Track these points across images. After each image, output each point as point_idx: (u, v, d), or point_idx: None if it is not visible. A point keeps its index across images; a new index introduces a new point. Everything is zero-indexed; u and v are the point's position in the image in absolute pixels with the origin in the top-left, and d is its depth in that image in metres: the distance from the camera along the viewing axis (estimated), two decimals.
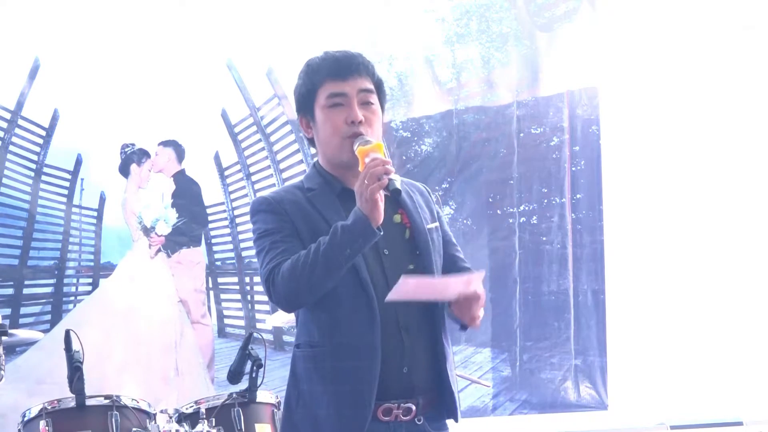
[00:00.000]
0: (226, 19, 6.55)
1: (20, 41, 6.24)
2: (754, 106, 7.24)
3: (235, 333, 6.60)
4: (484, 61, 7.06)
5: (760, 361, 7.08)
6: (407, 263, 3.28)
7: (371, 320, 3.18)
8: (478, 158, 7.00)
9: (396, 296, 3.12)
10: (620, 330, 7.03)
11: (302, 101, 3.35)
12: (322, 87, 3.29)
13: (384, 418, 3.21)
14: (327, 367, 3.23)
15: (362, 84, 3.30)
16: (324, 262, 3.11)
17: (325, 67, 3.30)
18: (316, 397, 3.23)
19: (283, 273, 3.16)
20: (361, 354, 3.19)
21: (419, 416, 3.25)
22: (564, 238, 7.02)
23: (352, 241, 3.10)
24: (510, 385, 6.94)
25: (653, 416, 6.95)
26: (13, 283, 6.28)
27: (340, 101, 3.28)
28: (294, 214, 3.26)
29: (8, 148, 6.27)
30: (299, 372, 3.30)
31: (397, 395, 3.22)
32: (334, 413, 3.20)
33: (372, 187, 3.07)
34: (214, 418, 4.65)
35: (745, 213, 7.21)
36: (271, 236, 3.25)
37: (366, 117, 3.28)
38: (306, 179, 3.37)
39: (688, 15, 7.17)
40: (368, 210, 3.08)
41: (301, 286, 3.15)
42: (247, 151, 6.69)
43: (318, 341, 3.25)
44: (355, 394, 3.19)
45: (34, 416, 4.56)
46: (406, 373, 3.22)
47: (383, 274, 3.24)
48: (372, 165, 3.10)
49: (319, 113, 3.30)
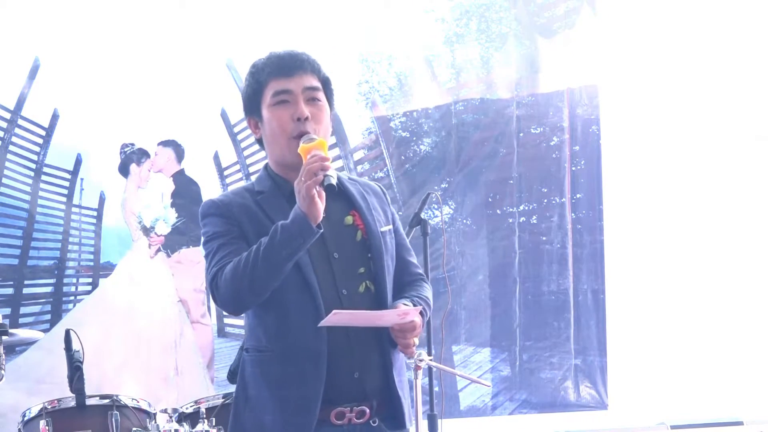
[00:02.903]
0: (226, 20, 6.55)
1: (20, 41, 6.24)
2: (754, 107, 7.24)
3: (235, 333, 6.60)
4: (484, 61, 7.05)
5: (760, 361, 7.08)
6: (358, 266, 3.26)
7: (317, 324, 3.13)
8: (478, 158, 6.99)
9: (329, 324, 3.10)
10: (620, 330, 7.03)
11: (249, 102, 3.32)
12: (267, 86, 3.27)
13: (337, 422, 3.19)
14: (273, 371, 3.21)
15: (308, 81, 3.27)
16: (264, 262, 3.07)
17: (269, 66, 3.28)
18: (263, 402, 3.22)
19: (226, 275, 3.13)
20: (307, 359, 3.16)
21: (374, 418, 3.23)
22: (564, 237, 7.02)
23: (291, 240, 3.06)
24: (510, 384, 6.93)
25: (653, 416, 6.95)
26: (13, 282, 6.28)
27: (286, 98, 3.25)
28: (242, 217, 3.24)
29: (8, 147, 6.27)
30: (247, 376, 3.28)
31: (349, 399, 3.20)
32: (279, 419, 3.18)
33: (308, 183, 3.03)
34: (214, 418, 4.64)
35: (745, 213, 7.21)
36: (219, 239, 3.22)
37: (312, 113, 3.24)
38: (256, 182, 3.35)
39: (689, 14, 7.17)
40: (306, 207, 3.04)
41: (243, 287, 3.11)
42: (246, 151, 6.69)
43: (265, 346, 3.24)
44: (300, 400, 3.17)
45: (35, 416, 4.56)
46: (357, 377, 3.20)
47: (332, 277, 3.21)
48: (310, 162, 3.06)
49: (266, 112, 3.27)
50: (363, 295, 3.24)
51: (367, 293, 3.25)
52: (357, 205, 3.30)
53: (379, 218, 3.32)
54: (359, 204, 3.31)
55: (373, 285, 3.26)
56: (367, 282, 3.25)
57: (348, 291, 3.22)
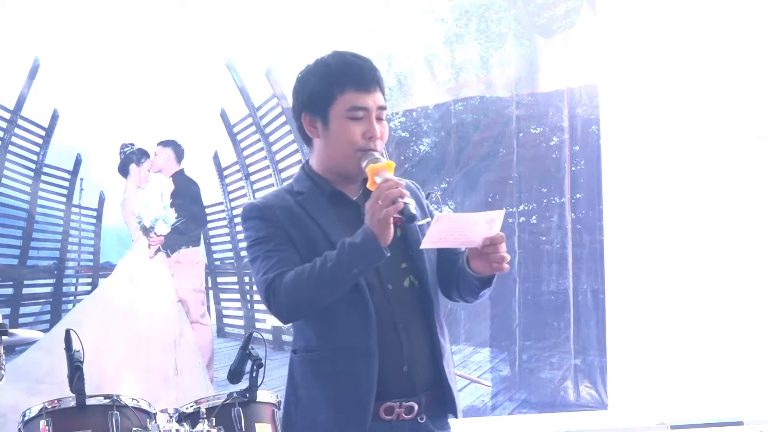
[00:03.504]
0: (226, 20, 6.55)
1: (20, 41, 6.23)
2: (754, 107, 7.25)
3: (235, 333, 6.60)
4: (483, 61, 7.05)
5: (760, 361, 7.08)
6: (400, 262, 3.28)
7: (367, 322, 3.18)
8: (478, 158, 6.99)
9: (429, 243, 3.13)
10: (620, 330, 7.03)
11: (315, 101, 3.29)
12: (342, 95, 3.25)
13: (386, 416, 3.21)
14: (325, 371, 3.23)
15: (380, 99, 3.28)
16: (330, 278, 3.11)
17: (347, 75, 3.26)
18: (315, 402, 3.23)
19: (286, 285, 3.15)
20: (358, 356, 3.19)
21: (421, 414, 3.26)
22: (564, 237, 7.02)
23: (360, 261, 3.10)
24: (509, 384, 6.93)
25: (653, 416, 6.95)
26: (13, 282, 6.27)
27: (361, 115, 3.25)
28: (285, 220, 3.24)
29: (8, 147, 6.26)
30: (297, 377, 3.30)
31: (398, 394, 3.22)
32: (333, 417, 3.20)
33: (387, 210, 3.06)
34: (215, 418, 4.65)
35: (745, 213, 7.21)
36: (265, 244, 3.23)
37: (381, 132, 3.27)
38: (295, 182, 3.35)
39: (689, 14, 7.17)
40: (379, 231, 3.08)
41: (304, 300, 3.15)
42: (246, 151, 6.69)
43: (315, 346, 3.26)
44: (353, 397, 3.18)
45: (35, 416, 4.55)
46: (406, 371, 3.22)
47: (377, 273, 3.24)
48: (386, 186, 3.08)
49: (335, 121, 3.26)
50: (408, 290, 3.28)
51: (412, 287, 3.28)
52: None
53: (417, 214, 3.31)
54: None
55: (416, 280, 3.29)
56: (410, 277, 3.29)
57: (393, 286, 3.26)
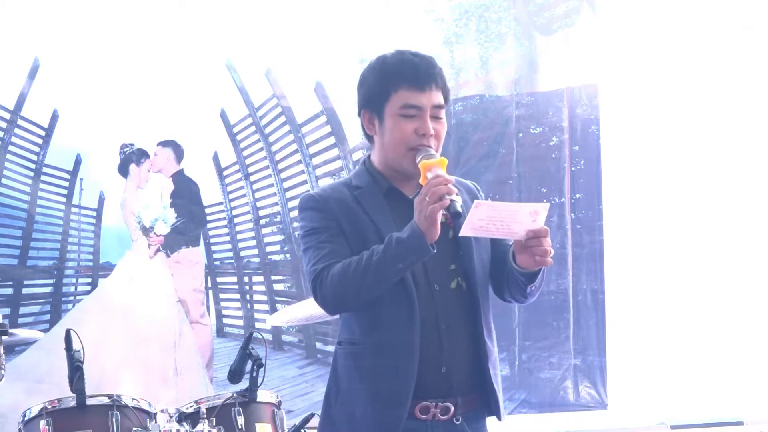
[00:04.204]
0: (226, 20, 6.55)
1: (20, 41, 6.24)
2: (753, 107, 7.24)
3: (234, 333, 6.60)
4: (483, 61, 7.05)
5: (760, 361, 7.08)
6: (449, 263, 3.28)
7: (411, 319, 3.19)
8: (477, 158, 6.99)
9: (470, 230, 3.11)
10: (620, 329, 7.03)
11: (372, 99, 3.32)
12: (397, 93, 3.26)
13: (421, 416, 3.23)
14: (366, 365, 3.25)
15: (436, 98, 3.28)
16: (375, 272, 3.12)
17: (404, 73, 3.27)
18: (354, 395, 3.26)
19: (333, 276, 3.17)
20: (399, 353, 3.20)
21: (457, 416, 3.26)
22: (563, 237, 7.02)
23: (406, 256, 3.10)
24: (509, 384, 6.93)
25: (653, 416, 6.95)
26: (13, 282, 6.28)
27: (414, 113, 3.26)
28: (339, 213, 3.27)
29: (8, 148, 6.27)
30: (339, 369, 3.32)
31: (435, 394, 3.23)
32: (370, 411, 3.22)
33: (434, 207, 3.05)
34: (215, 418, 4.65)
35: (745, 213, 7.21)
36: (317, 235, 3.26)
37: (436, 130, 3.27)
38: (354, 176, 3.37)
39: (689, 14, 7.17)
40: (426, 227, 3.07)
41: (350, 293, 3.16)
42: (245, 151, 6.69)
43: (359, 339, 3.28)
44: (392, 393, 3.20)
45: (35, 416, 4.55)
46: (444, 372, 3.23)
47: (425, 273, 3.25)
48: (435, 183, 3.08)
49: (389, 119, 3.28)
50: (455, 291, 3.28)
51: (459, 289, 3.28)
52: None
53: None
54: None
55: (464, 282, 3.29)
56: (458, 278, 3.29)
57: (440, 287, 3.26)
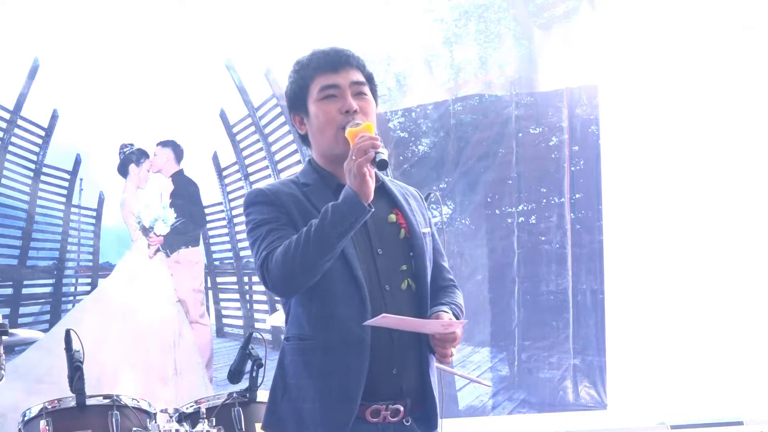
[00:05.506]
0: (225, 20, 6.56)
1: (20, 41, 6.25)
2: (753, 106, 7.25)
3: (234, 333, 6.60)
4: (482, 61, 7.06)
5: (760, 361, 7.08)
6: (400, 264, 3.27)
7: (362, 316, 3.15)
8: (477, 158, 6.99)
9: (374, 324, 3.11)
10: (619, 329, 7.03)
11: (294, 99, 3.34)
12: (313, 81, 3.28)
13: (372, 419, 3.20)
14: (315, 360, 3.21)
15: (354, 76, 3.29)
16: (316, 241, 3.08)
17: (314, 62, 3.30)
18: (303, 391, 3.22)
19: (277, 257, 3.13)
20: (350, 349, 3.17)
21: (407, 417, 3.25)
22: (563, 237, 7.02)
23: (343, 219, 3.06)
24: (508, 384, 6.93)
25: (653, 416, 6.95)
26: (12, 282, 6.28)
27: (333, 93, 3.26)
28: (290, 206, 3.24)
29: (7, 148, 6.27)
30: (287, 365, 3.27)
31: (385, 396, 3.21)
32: (318, 407, 3.18)
33: (359, 161, 3.04)
34: (215, 418, 4.65)
35: (745, 213, 7.21)
36: (266, 226, 3.22)
37: (360, 107, 3.26)
38: (301, 174, 3.35)
39: (689, 14, 7.17)
40: (357, 186, 3.06)
41: (296, 268, 3.11)
42: (245, 151, 6.69)
43: (308, 334, 3.23)
44: (341, 389, 3.17)
45: (35, 416, 4.56)
46: (395, 374, 3.21)
47: (376, 273, 3.23)
48: (360, 141, 3.08)
49: (313, 107, 3.29)
50: (405, 293, 3.26)
51: (409, 291, 3.27)
52: (399, 204, 3.32)
53: (420, 220, 3.34)
54: (401, 204, 3.33)
55: (414, 283, 3.28)
56: (408, 279, 3.27)
57: (391, 287, 3.24)
